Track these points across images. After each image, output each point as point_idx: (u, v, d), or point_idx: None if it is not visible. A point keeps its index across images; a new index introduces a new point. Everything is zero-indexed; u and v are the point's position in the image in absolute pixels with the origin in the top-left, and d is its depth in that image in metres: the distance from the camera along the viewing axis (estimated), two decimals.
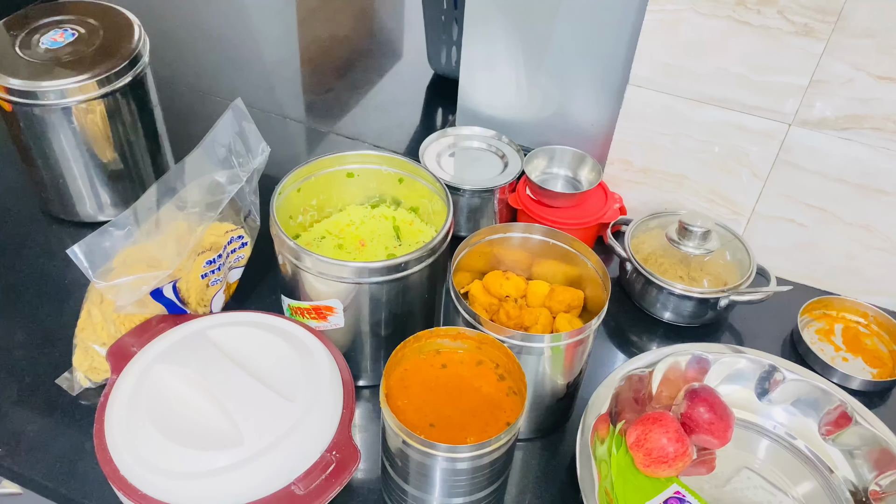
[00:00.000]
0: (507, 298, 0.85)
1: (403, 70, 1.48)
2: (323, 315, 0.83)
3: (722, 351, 0.88)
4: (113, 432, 0.70)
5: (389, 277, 0.79)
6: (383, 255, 0.90)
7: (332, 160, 0.92)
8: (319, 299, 0.82)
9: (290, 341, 0.78)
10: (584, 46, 1.08)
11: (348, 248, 0.91)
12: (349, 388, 0.76)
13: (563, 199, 1.04)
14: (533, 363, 0.76)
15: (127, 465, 0.68)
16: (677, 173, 1.05)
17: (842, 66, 0.88)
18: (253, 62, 1.47)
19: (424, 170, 0.91)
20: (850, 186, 0.96)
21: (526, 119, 1.19)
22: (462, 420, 0.69)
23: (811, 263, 1.04)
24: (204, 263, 0.85)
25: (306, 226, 0.94)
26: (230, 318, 0.81)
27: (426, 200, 0.94)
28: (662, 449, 0.76)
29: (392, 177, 0.94)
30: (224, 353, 0.75)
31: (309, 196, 0.92)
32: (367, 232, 0.94)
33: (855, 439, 0.83)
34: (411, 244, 0.92)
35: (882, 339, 0.99)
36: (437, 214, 0.93)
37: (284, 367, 0.75)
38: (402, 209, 0.97)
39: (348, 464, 0.69)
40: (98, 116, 0.97)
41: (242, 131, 0.87)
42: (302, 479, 0.68)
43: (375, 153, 0.93)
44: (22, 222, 1.08)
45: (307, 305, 0.84)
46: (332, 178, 0.93)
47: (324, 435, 0.71)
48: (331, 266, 0.78)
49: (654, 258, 0.99)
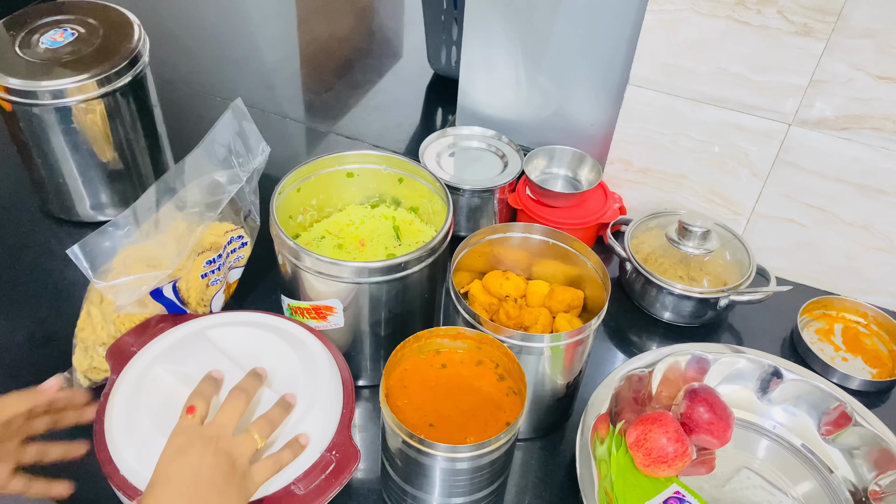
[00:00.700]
0: (506, 298, 0.85)
1: (403, 70, 1.48)
2: (323, 315, 0.83)
3: (722, 351, 0.88)
4: (113, 432, 0.70)
5: (389, 277, 0.79)
6: (383, 255, 0.90)
7: (332, 160, 0.92)
8: (319, 299, 0.82)
9: (289, 341, 0.78)
10: (583, 46, 1.08)
11: (348, 248, 0.91)
12: (349, 387, 0.76)
13: (563, 199, 1.04)
14: (533, 363, 0.76)
15: (127, 465, 0.68)
16: (677, 173, 1.05)
17: (841, 65, 0.88)
18: (253, 62, 1.47)
19: (424, 169, 0.91)
20: (850, 186, 0.96)
21: (526, 119, 1.19)
22: (462, 420, 0.69)
23: (811, 263, 1.04)
24: (204, 263, 0.85)
25: (306, 226, 0.94)
26: (230, 318, 0.81)
27: (426, 200, 0.94)
28: (662, 449, 0.76)
29: (392, 177, 0.94)
30: (223, 352, 0.75)
31: (309, 196, 0.92)
32: (367, 232, 0.94)
33: (854, 439, 0.83)
34: (411, 244, 0.92)
35: (882, 339, 0.99)
36: (437, 214, 0.93)
37: (284, 367, 0.75)
38: (401, 209, 0.97)
39: (348, 463, 0.69)
40: (98, 116, 0.97)
41: (242, 131, 0.88)
42: (301, 478, 0.68)
43: (375, 153, 0.93)
44: (22, 222, 1.08)
45: (307, 305, 0.84)
46: (331, 178, 0.93)
47: (324, 435, 0.71)
48: (331, 266, 0.78)
49: (653, 258, 0.99)
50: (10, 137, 1.00)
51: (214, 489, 0.59)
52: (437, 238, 0.81)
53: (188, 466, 0.60)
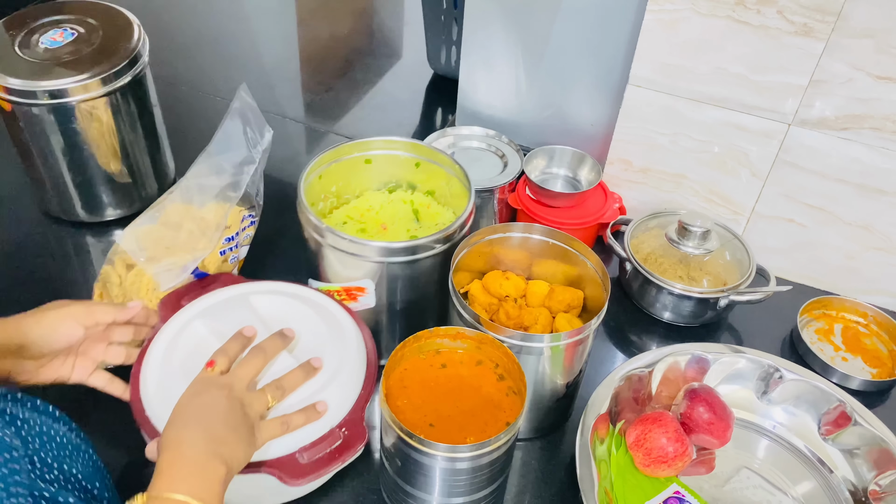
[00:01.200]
0: (506, 298, 0.85)
1: (403, 70, 1.48)
2: (353, 296, 0.85)
3: (721, 351, 0.88)
4: (147, 375, 0.74)
5: (420, 256, 0.81)
6: (406, 237, 0.92)
7: (353, 146, 0.94)
8: (350, 280, 0.84)
9: (324, 316, 0.80)
10: (583, 46, 1.08)
11: (371, 232, 0.93)
12: (372, 369, 0.77)
13: (563, 199, 1.04)
14: (532, 363, 0.76)
15: (152, 407, 0.71)
16: (677, 173, 1.05)
17: (841, 65, 0.88)
18: (253, 62, 1.47)
19: (442, 153, 0.93)
20: (850, 186, 0.96)
21: (525, 119, 1.19)
22: (462, 420, 0.69)
23: (811, 263, 1.04)
24: (223, 240, 0.88)
25: (326, 212, 0.96)
26: (274, 287, 0.84)
27: (443, 183, 0.96)
28: (662, 449, 0.76)
29: (409, 161, 0.96)
30: (259, 317, 0.78)
31: (329, 183, 0.94)
32: (388, 216, 0.96)
33: (854, 439, 0.83)
34: (430, 226, 0.94)
35: (881, 338, 0.99)
36: (454, 197, 0.95)
37: (314, 339, 0.78)
38: (418, 193, 0.99)
39: (354, 442, 0.70)
40: (98, 116, 0.97)
41: (249, 115, 0.91)
42: (308, 448, 0.69)
43: (394, 139, 0.95)
44: (22, 222, 1.08)
45: (338, 287, 0.85)
46: (351, 165, 0.95)
47: (338, 411, 0.72)
48: (363, 247, 0.80)
49: (653, 258, 0.99)
50: (10, 138, 1.00)
51: (228, 425, 0.63)
52: (463, 215, 0.84)
53: (204, 405, 0.65)
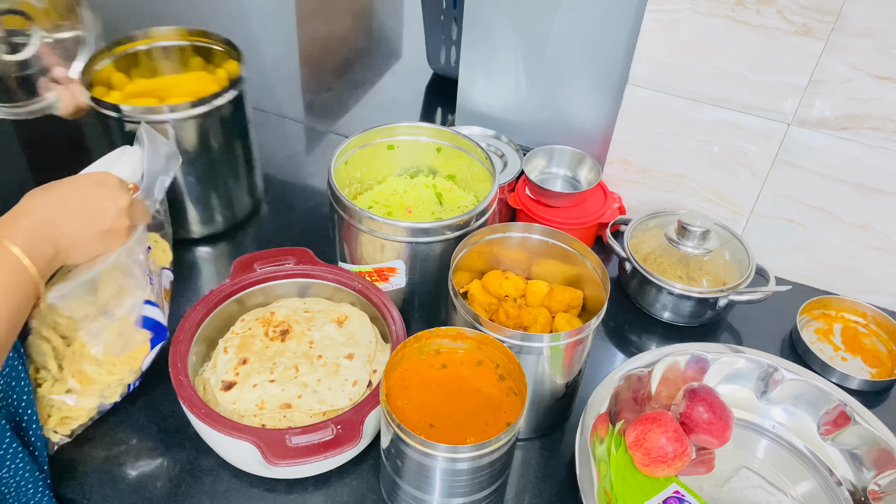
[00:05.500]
0: (506, 298, 0.85)
1: (403, 70, 1.48)
2: (385, 277, 0.87)
3: (721, 351, 0.88)
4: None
5: (451, 235, 0.84)
6: (431, 219, 0.94)
7: (379, 132, 0.97)
8: (383, 261, 0.86)
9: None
10: (582, 46, 1.08)
11: (397, 216, 0.95)
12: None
13: (563, 199, 1.04)
14: (532, 363, 0.76)
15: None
16: (676, 173, 1.05)
17: (841, 65, 0.88)
18: (252, 62, 1.46)
19: (465, 137, 0.96)
20: (849, 186, 0.96)
21: (525, 119, 1.19)
22: (462, 420, 0.69)
23: (810, 263, 1.04)
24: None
25: (351, 198, 0.98)
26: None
27: (465, 167, 0.98)
28: (661, 448, 0.76)
29: (430, 147, 0.98)
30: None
31: (354, 169, 0.97)
32: (412, 200, 0.98)
33: (854, 439, 0.83)
34: (453, 209, 0.96)
35: (881, 338, 0.99)
36: (475, 180, 0.97)
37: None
38: (438, 177, 1.01)
39: (342, 442, 0.70)
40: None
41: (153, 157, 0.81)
42: (298, 432, 0.69)
43: (420, 124, 0.98)
44: None
45: (369, 269, 0.87)
46: (375, 151, 0.97)
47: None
48: (395, 228, 0.83)
49: (653, 258, 1.00)
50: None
51: (81, 226, 0.70)
52: (491, 194, 0.87)
53: (82, 196, 0.71)
